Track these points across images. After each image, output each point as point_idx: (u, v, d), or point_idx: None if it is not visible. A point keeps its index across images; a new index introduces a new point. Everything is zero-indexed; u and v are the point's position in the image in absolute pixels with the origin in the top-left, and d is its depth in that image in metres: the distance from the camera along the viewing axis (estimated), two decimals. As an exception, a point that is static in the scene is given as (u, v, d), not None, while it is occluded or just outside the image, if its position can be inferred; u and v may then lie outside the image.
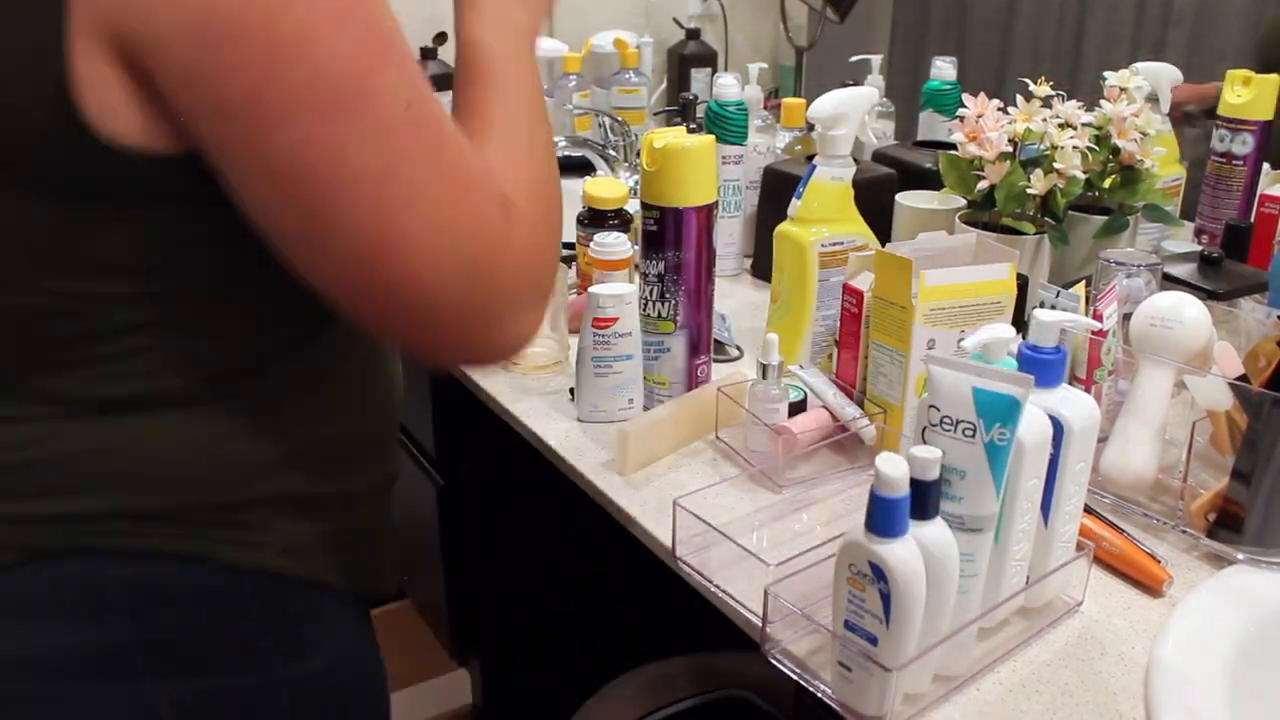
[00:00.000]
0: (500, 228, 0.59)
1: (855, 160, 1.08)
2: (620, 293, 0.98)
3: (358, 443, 0.72)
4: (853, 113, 1.04)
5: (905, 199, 1.23)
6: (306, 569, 0.68)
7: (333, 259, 0.56)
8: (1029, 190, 1.13)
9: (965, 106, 1.16)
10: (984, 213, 1.17)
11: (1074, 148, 1.12)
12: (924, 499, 0.63)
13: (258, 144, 0.53)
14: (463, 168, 0.58)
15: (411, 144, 0.55)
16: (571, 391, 1.07)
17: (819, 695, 0.69)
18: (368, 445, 0.74)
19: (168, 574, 0.63)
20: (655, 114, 2.04)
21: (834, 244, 1.05)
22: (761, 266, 1.40)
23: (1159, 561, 0.80)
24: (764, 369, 0.95)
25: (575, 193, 1.42)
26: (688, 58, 2.05)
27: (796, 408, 0.98)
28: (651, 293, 1.00)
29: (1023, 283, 0.99)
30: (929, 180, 1.30)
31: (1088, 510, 0.83)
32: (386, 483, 0.77)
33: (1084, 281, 0.97)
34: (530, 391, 1.10)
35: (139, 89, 0.52)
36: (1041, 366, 0.71)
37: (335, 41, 0.52)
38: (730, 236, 1.42)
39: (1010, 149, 1.14)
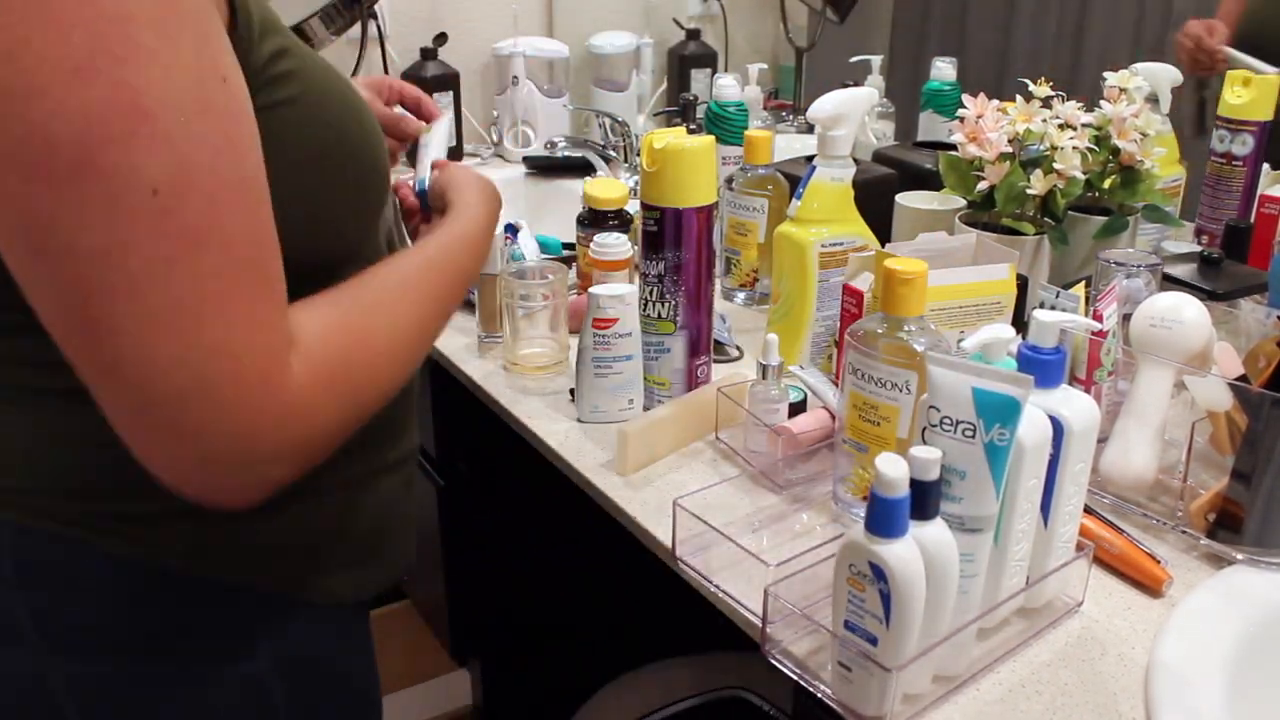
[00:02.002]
0: (263, 361, 0.53)
1: (855, 161, 1.08)
2: (620, 293, 0.98)
3: None
4: (853, 113, 1.04)
5: (905, 199, 1.23)
6: (215, 568, 0.66)
7: (50, 322, 0.52)
8: (1029, 191, 1.13)
9: (965, 107, 1.16)
10: (984, 213, 1.17)
11: (1074, 148, 1.12)
12: (924, 499, 0.63)
13: None
14: (226, 278, 0.51)
15: (144, 233, 0.49)
16: (571, 392, 1.07)
17: (819, 695, 0.69)
18: None
19: (61, 554, 0.63)
20: (655, 114, 2.04)
21: (834, 244, 1.05)
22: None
23: (1159, 562, 0.80)
24: (764, 369, 0.95)
25: (575, 193, 1.42)
26: (688, 58, 2.05)
27: (796, 408, 0.98)
28: (651, 293, 1.00)
29: (1023, 283, 0.99)
30: (929, 181, 1.30)
31: (1087, 510, 0.83)
32: (341, 484, 0.71)
33: (1084, 282, 0.97)
34: (530, 392, 1.10)
35: None
36: (1041, 367, 0.71)
37: (63, 102, 0.47)
38: (730, 237, 1.42)
39: (1010, 149, 1.14)
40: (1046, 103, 1.16)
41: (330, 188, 0.66)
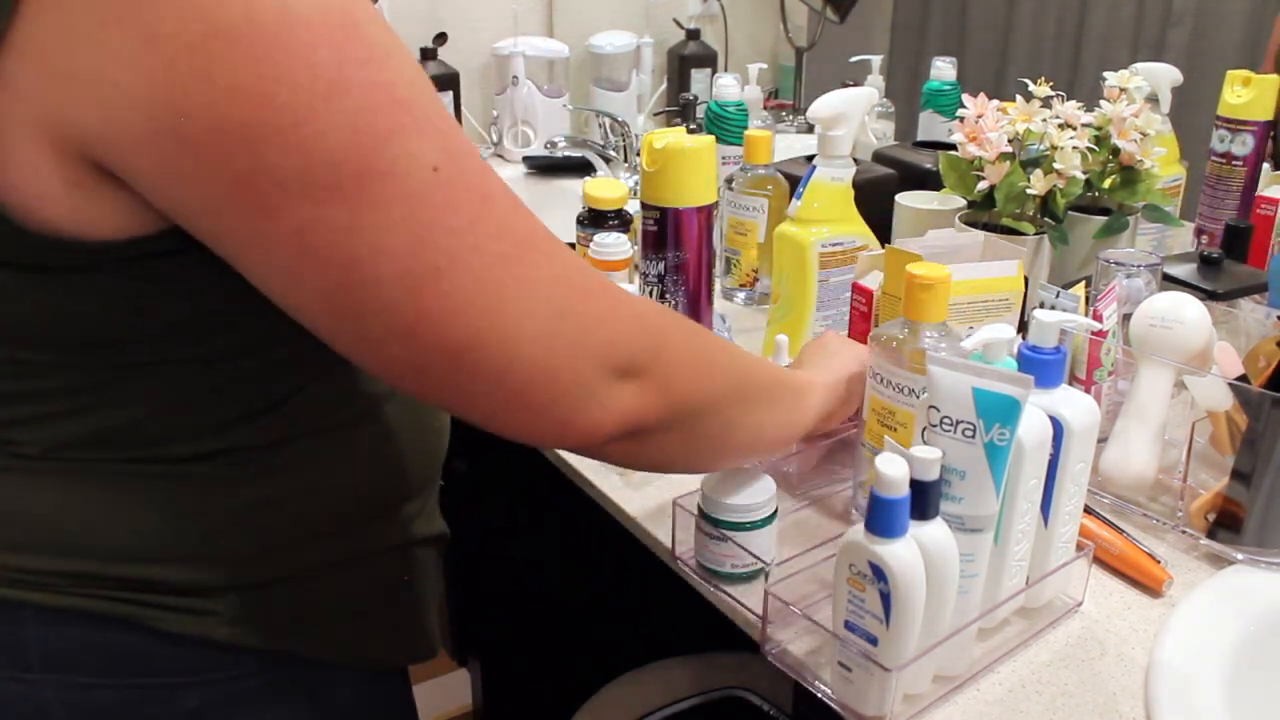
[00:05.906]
0: (584, 278, 0.54)
1: (855, 161, 1.08)
2: (620, 293, 0.98)
3: (335, 511, 0.66)
4: (853, 113, 1.04)
5: (905, 199, 1.23)
6: (266, 641, 0.63)
7: (370, 337, 0.51)
8: (1029, 190, 1.13)
9: (965, 107, 1.16)
10: (984, 213, 1.17)
11: (1074, 148, 1.12)
12: (924, 499, 0.63)
13: (256, 233, 0.48)
14: (520, 214, 0.53)
15: (444, 209, 0.49)
16: (571, 392, 1.06)
17: (819, 695, 0.69)
18: (357, 512, 0.67)
19: (94, 637, 0.59)
20: (655, 114, 2.04)
21: (834, 244, 1.05)
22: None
23: (1159, 562, 0.80)
24: (764, 369, 0.95)
25: (575, 193, 1.42)
26: (688, 58, 2.05)
27: (796, 408, 0.97)
28: (651, 293, 1.00)
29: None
30: (929, 181, 1.30)
31: (1088, 510, 0.83)
32: (392, 547, 0.71)
33: (1084, 282, 0.97)
34: (530, 391, 1.10)
35: (92, 180, 0.48)
36: (1041, 367, 0.71)
37: (328, 120, 0.46)
38: (730, 237, 1.42)
39: (1010, 149, 1.14)
40: (1046, 103, 1.16)
41: None
